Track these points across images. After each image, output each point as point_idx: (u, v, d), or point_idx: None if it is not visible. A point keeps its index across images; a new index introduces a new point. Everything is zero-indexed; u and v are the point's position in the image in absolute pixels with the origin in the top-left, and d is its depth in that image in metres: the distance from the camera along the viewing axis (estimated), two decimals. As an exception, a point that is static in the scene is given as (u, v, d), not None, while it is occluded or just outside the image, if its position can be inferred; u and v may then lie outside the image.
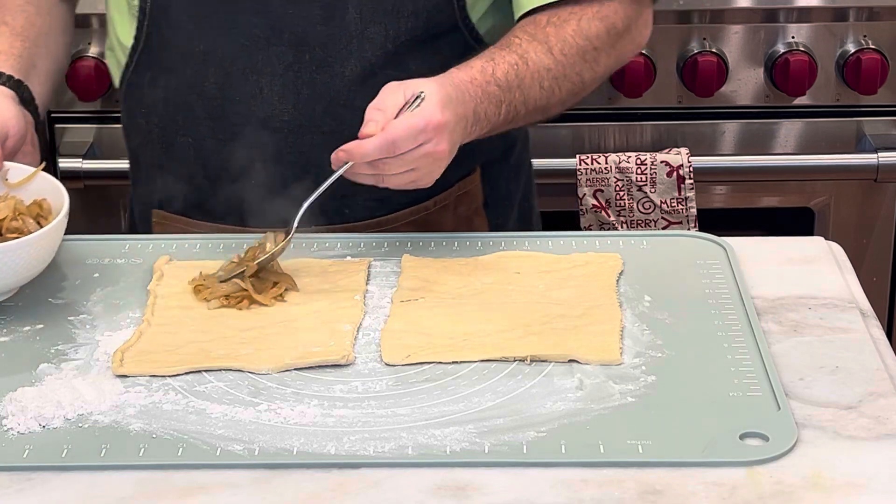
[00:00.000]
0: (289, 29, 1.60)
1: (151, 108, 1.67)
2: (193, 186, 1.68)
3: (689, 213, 2.37)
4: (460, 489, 1.14)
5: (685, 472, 1.16)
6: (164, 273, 1.49)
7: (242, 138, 1.62)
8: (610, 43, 1.61)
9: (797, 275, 1.50)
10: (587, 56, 1.60)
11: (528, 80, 1.55)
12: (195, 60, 1.62)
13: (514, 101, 1.54)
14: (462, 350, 1.34)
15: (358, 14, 1.59)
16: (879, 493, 1.13)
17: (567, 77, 1.59)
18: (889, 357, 1.34)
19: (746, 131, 2.44)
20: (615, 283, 1.47)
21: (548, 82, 1.57)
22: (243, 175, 1.64)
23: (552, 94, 1.58)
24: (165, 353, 1.34)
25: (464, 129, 1.48)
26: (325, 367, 1.32)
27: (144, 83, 1.67)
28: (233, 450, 1.19)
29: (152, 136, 1.69)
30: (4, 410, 1.25)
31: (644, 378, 1.29)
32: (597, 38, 1.60)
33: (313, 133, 1.62)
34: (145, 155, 1.72)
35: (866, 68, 2.36)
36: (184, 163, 1.67)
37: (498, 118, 1.53)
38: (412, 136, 1.42)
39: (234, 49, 1.61)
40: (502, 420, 1.23)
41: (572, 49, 1.58)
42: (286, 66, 1.60)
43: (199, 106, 1.63)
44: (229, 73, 1.62)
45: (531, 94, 1.56)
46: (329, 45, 1.60)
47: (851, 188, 2.45)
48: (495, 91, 1.52)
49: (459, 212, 1.70)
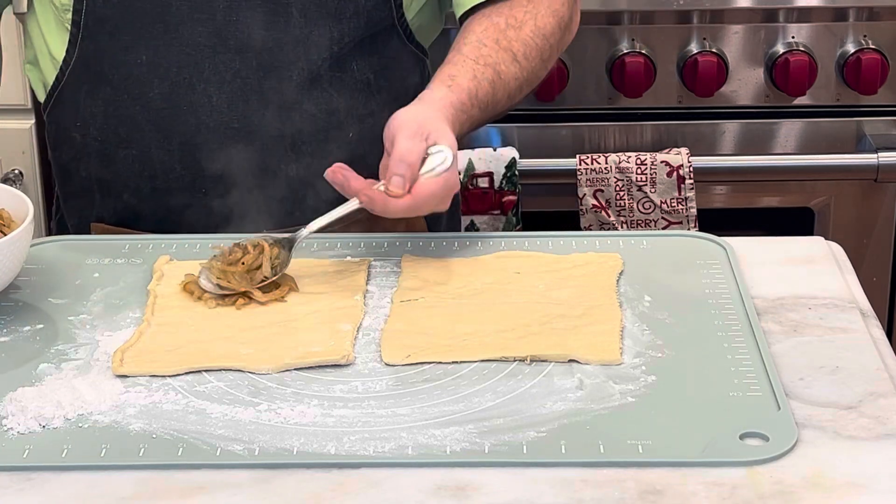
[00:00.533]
0: (233, 36, 1.59)
1: (89, 121, 1.65)
2: (139, 198, 1.66)
3: (689, 213, 2.37)
4: (460, 489, 1.14)
5: (685, 472, 1.16)
6: (164, 273, 1.50)
7: (193, 148, 1.62)
8: (559, 37, 1.65)
9: (797, 275, 1.50)
10: (544, 55, 1.63)
11: (501, 93, 1.58)
12: (138, 72, 1.61)
13: (484, 117, 1.58)
14: (462, 350, 1.34)
15: (302, 17, 1.60)
16: (879, 493, 1.13)
17: (529, 82, 1.63)
18: (889, 357, 1.34)
19: (746, 131, 2.44)
20: (615, 283, 1.47)
21: (514, 91, 1.61)
22: (193, 184, 1.63)
23: (513, 100, 1.62)
24: (165, 353, 1.34)
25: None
26: (325, 367, 1.32)
27: (80, 96, 1.65)
28: (233, 450, 1.19)
29: (89, 149, 1.66)
30: (4, 410, 1.25)
31: (644, 378, 1.29)
32: (551, 35, 1.63)
33: (263, 138, 1.62)
34: (80, 169, 1.69)
35: (866, 68, 2.36)
36: (127, 175, 1.65)
37: (468, 132, 1.58)
38: (436, 203, 1.45)
39: (179, 59, 1.60)
40: (502, 420, 1.23)
41: (533, 52, 1.61)
42: (233, 73, 1.60)
43: (144, 117, 1.62)
44: (175, 83, 1.61)
45: (500, 106, 1.60)
46: (275, 50, 1.60)
47: (851, 188, 2.45)
48: (476, 114, 1.56)
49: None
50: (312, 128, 1.63)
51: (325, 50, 1.61)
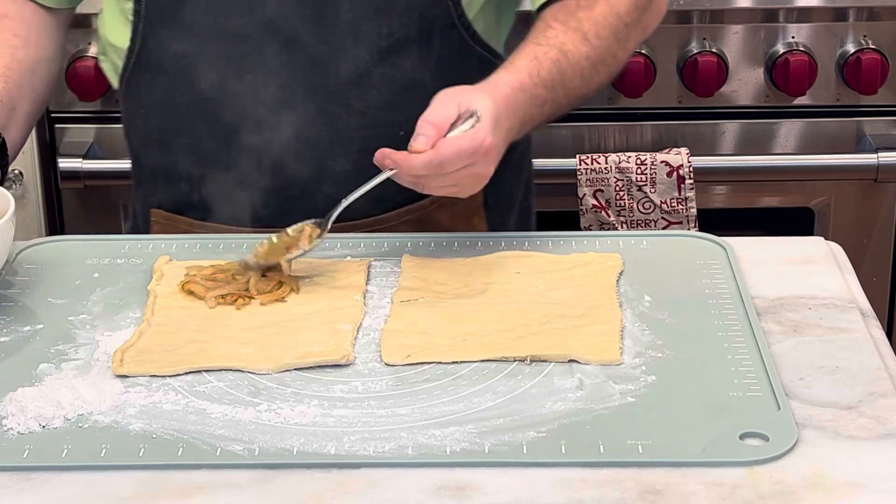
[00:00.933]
0: (282, 29, 1.59)
1: (150, 110, 1.67)
2: (191, 187, 1.68)
3: (689, 213, 2.37)
4: (460, 489, 1.14)
5: (685, 472, 1.16)
6: (164, 273, 1.49)
7: (240, 139, 1.63)
8: (637, 16, 1.60)
9: (797, 275, 1.50)
10: (619, 35, 1.58)
11: (570, 73, 1.54)
12: (190, 62, 1.62)
13: (557, 98, 1.54)
14: (462, 350, 1.34)
15: (351, 12, 1.59)
16: (879, 493, 1.13)
17: (604, 61, 1.58)
18: (889, 357, 1.34)
19: (746, 131, 2.44)
20: (615, 283, 1.47)
21: (587, 71, 1.56)
22: (239, 175, 1.64)
23: (591, 81, 1.57)
24: (165, 353, 1.34)
25: (508, 141, 1.48)
26: (325, 367, 1.32)
27: (142, 85, 1.67)
28: (233, 450, 1.19)
29: (151, 137, 1.69)
30: (4, 410, 1.25)
31: (644, 378, 1.29)
32: (626, 13, 1.59)
33: (308, 132, 1.62)
34: (145, 156, 1.73)
35: (866, 68, 2.36)
36: (182, 163, 1.68)
37: (541, 118, 1.54)
38: (461, 159, 1.41)
39: (228, 50, 1.61)
40: (502, 420, 1.23)
41: (605, 31, 1.57)
42: (281, 65, 1.60)
43: (195, 107, 1.64)
44: (224, 74, 1.62)
45: (572, 86, 1.55)
46: (322, 44, 1.60)
47: (851, 188, 2.45)
48: (541, 93, 1.51)
49: (457, 210, 1.69)
50: (359, 124, 1.62)
51: (373, 45, 1.60)
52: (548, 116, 1.55)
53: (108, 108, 2.40)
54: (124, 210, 2.43)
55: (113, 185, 2.42)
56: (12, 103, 1.62)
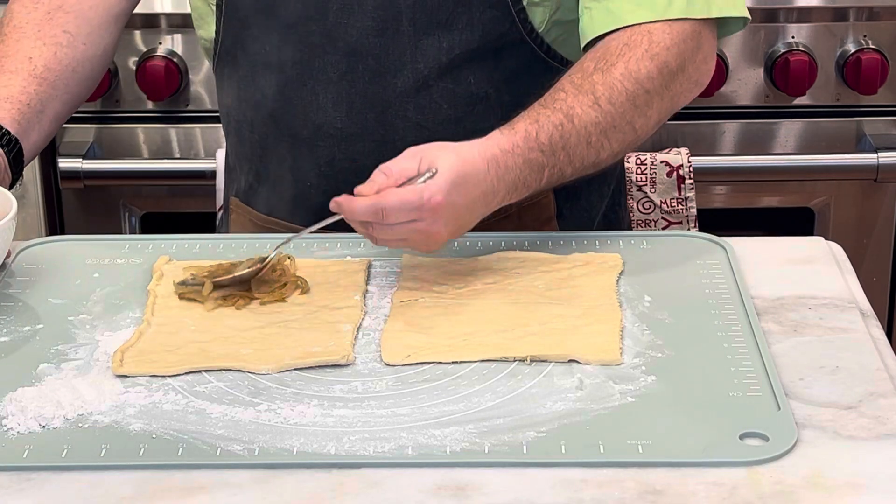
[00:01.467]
0: (343, 38, 1.60)
1: (230, 101, 1.70)
2: (258, 181, 1.71)
3: (689, 213, 2.37)
4: (460, 489, 1.14)
5: (685, 472, 1.16)
6: (164, 273, 1.50)
7: (300, 142, 1.64)
8: (663, 84, 1.52)
9: (797, 275, 1.50)
10: (637, 102, 1.50)
11: (574, 139, 1.47)
12: (261, 62, 1.64)
13: (558, 164, 1.47)
14: (462, 350, 1.34)
15: (411, 26, 1.58)
16: (879, 493, 1.13)
17: (617, 128, 1.50)
18: (889, 357, 1.34)
19: (746, 131, 2.44)
20: (615, 283, 1.47)
21: (595, 137, 1.49)
22: (299, 177, 1.65)
23: (601, 148, 1.50)
24: (165, 353, 1.34)
25: (485, 206, 1.43)
26: (325, 367, 1.32)
27: (224, 76, 1.70)
28: (233, 450, 1.19)
29: (230, 127, 1.73)
30: (4, 410, 1.25)
31: (644, 378, 1.29)
32: (647, 79, 1.51)
33: (365, 141, 1.62)
34: (228, 143, 1.77)
35: (866, 68, 2.36)
36: (252, 158, 1.70)
37: (540, 183, 1.47)
38: (403, 210, 1.37)
39: (293, 54, 1.62)
40: (502, 420, 1.23)
41: (621, 96, 1.49)
42: (340, 74, 1.61)
43: (263, 106, 1.65)
44: (289, 78, 1.63)
45: (577, 152, 1.48)
46: (382, 56, 1.59)
47: (851, 188, 2.45)
48: (538, 157, 1.45)
49: (525, 223, 1.66)
50: (416, 137, 1.58)
51: (433, 60, 1.59)
52: (549, 182, 1.48)
53: (109, 108, 2.40)
54: (124, 210, 2.43)
55: (113, 185, 2.42)
56: (41, 106, 1.62)
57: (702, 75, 1.58)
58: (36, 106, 1.61)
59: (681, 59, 1.54)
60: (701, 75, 1.58)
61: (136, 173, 2.42)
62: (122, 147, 2.43)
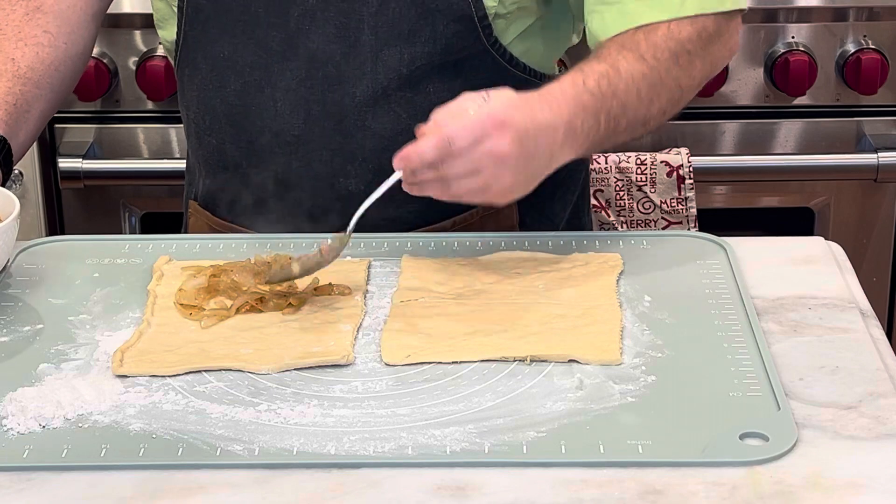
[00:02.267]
0: (303, 45, 1.59)
1: (189, 105, 1.69)
2: (216, 186, 1.70)
3: (689, 213, 2.37)
4: (460, 489, 1.14)
5: (685, 472, 1.16)
6: (164, 273, 1.50)
7: (257, 148, 1.63)
8: (702, 46, 1.54)
9: (797, 275, 1.50)
10: (681, 60, 1.52)
11: (623, 87, 1.47)
12: (220, 65, 1.64)
13: (612, 111, 1.46)
14: (462, 350, 1.34)
15: (373, 36, 1.58)
16: (879, 493, 1.13)
17: (664, 83, 1.51)
18: (889, 357, 1.34)
19: (746, 131, 2.44)
20: (615, 283, 1.47)
21: (645, 91, 1.49)
22: (257, 183, 1.64)
23: (651, 103, 1.50)
24: (165, 353, 1.34)
25: (549, 140, 1.39)
26: (325, 367, 1.32)
27: (184, 80, 1.69)
28: (233, 450, 1.19)
29: (191, 129, 1.72)
30: (4, 410, 1.25)
31: (644, 378, 1.29)
32: (689, 41, 1.52)
33: (322, 149, 1.61)
34: (189, 146, 1.76)
35: (866, 68, 2.36)
36: (209, 161, 1.70)
37: (598, 130, 1.45)
38: (469, 131, 1.33)
39: (253, 59, 1.61)
40: (502, 420, 1.23)
41: (664, 53, 1.51)
42: (299, 81, 1.60)
43: (221, 111, 1.65)
44: (247, 83, 1.62)
45: (629, 102, 1.47)
46: (342, 65, 1.59)
47: (851, 188, 2.45)
48: (589, 101, 1.43)
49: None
50: (374, 145, 1.60)
51: (392, 71, 1.58)
52: (608, 131, 1.46)
53: (108, 108, 2.40)
54: (124, 210, 2.43)
55: (113, 185, 2.42)
56: (27, 106, 1.62)
57: (735, 44, 1.61)
58: (22, 106, 1.61)
59: (718, 26, 1.56)
60: (734, 44, 1.60)
61: (136, 173, 2.42)
62: (122, 147, 2.42)
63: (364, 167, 1.61)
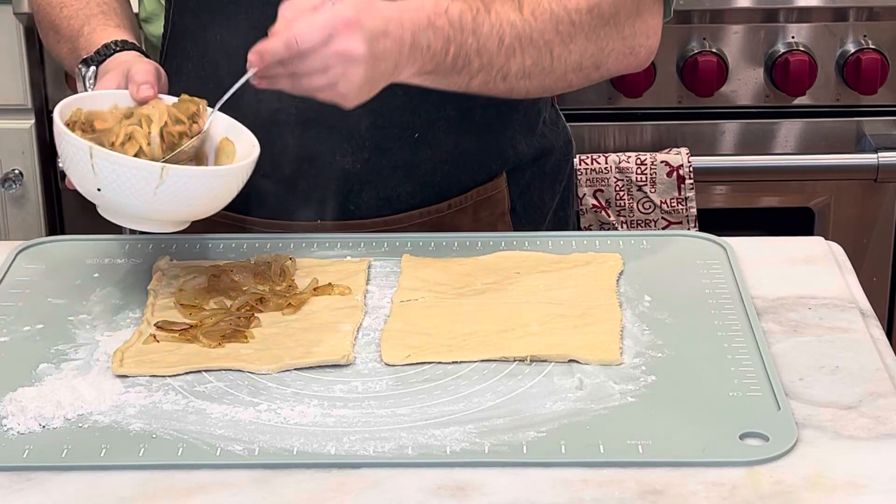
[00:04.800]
0: None
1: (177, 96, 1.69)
2: None
3: (689, 213, 2.37)
4: (460, 489, 1.14)
5: (685, 472, 1.16)
6: (164, 273, 1.49)
7: (253, 130, 1.63)
8: (591, 24, 1.51)
9: (797, 275, 1.50)
10: (561, 28, 1.49)
11: (486, 28, 1.45)
12: (213, 51, 1.64)
13: (465, 45, 1.45)
14: (462, 350, 1.34)
15: None
16: (879, 493, 1.13)
17: (533, 42, 1.48)
18: (889, 357, 1.34)
19: (746, 131, 2.44)
20: (615, 283, 1.47)
21: (509, 39, 1.47)
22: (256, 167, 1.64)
23: (512, 55, 1.47)
24: (165, 353, 1.34)
25: (397, 44, 1.40)
26: (325, 367, 1.32)
27: (172, 71, 1.68)
28: (233, 450, 1.19)
29: None
30: (4, 410, 1.25)
31: (644, 378, 1.29)
32: (576, 11, 1.50)
33: (319, 128, 1.62)
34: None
35: (866, 68, 2.36)
36: None
37: (444, 57, 1.44)
38: (317, 30, 1.36)
39: (248, 41, 1.61)
40: (502, 420, 1.23)
41: (545, 14, 1.48)
42: None
43: (217, 97, 1.64)
44: (241, 66, 1.62)
45: (488, 45, 1.46)
46: None
47: (851, 188, 2.45)
48: (444, 25, 1.43)
49: (480, 217, 1.67)
50: (371, 123, 1.60)
51: None
52: (455, 63, 1.45)
53: (108, 108, 2.40)
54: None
55: (113, 185, 2.41)
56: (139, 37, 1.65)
57: (639, 46, 1.57)
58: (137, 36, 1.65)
59: (614, 10, 1.53)
60: (638, 45, 1.56)
61: (136, 173, 2.41)
62: (122, 147, 2.42)
63: (360, 145, 1.61)
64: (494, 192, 1.68)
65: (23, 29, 2.42)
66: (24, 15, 2.36)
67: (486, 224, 1.67)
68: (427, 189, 1.55)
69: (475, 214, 1.67)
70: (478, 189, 1.67)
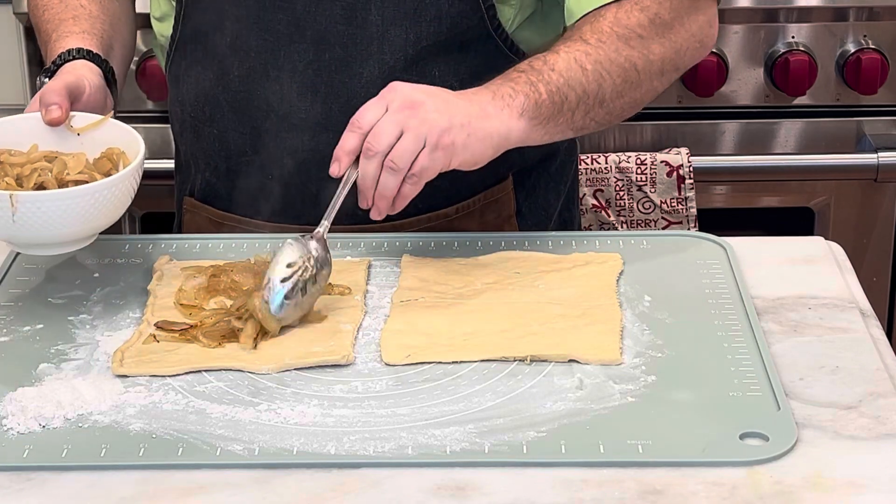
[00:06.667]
0: (311, 27, 1.60)
1: (185, 98, 1.69)
2: (217, 177, 1.70)
3: (689, 213, 2.37)
4: (460, 489, 1.14)
5: (685, 472, 1.16)
6: (164, 273, 1.49)
7: (263, 133, 1.63)
8: (657, 32, 1.54)
9: (797, 275, 1.50)
10: (631, 42, 1.52)
11: (562, 63, 1.49)
12: (222, 53, 1.64)
13: (551, 82, 1.48)
14: (462, 350, 1.34)
15: (379, 16, 1.58)
16: (879, 493, 1.13)
17: (613, 61, 1.51)
18: (889, 357, 1.34)
19: (746, 131, 2.44)
20: (615, 283, 1.47)
21: (591, 66, 1.50)
22: (262, 169, 1.64)
23: (601, 78, 1.50)
24: (165, 353, 1.34)
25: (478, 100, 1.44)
26: (325, 367, 1.32)
27: (180, 73, 1.69)
28: (233, 450, 1.19)
29: (186, 124, 1.71)
30: (4, 410, 1.25)
31: (644, 378, 1.29)
32: (638, 26, 1.53)
33: (329, 131, 1.61)
34: (182, 143, 1.75)
35: (866, 68, 2.36)
36: (209, 153, 1.69)
37: (539, 97, 1.47)
38: (373, 105, 1.42)
39: (258, 43, 1.62)
40: (502, 420, 1.23)
41: (611, 37, 1.52)
42: (306, 63, 1.60)
43: (224, 98, 1.65)
44: (253, 68, 1.62)
45: (573, 76, 1.49)
46: (349, 46, 1.59)
47: (851, 188, 2.45)
48: (517, 75, 1.48)
49: (487, 219, 1.68)
50: None
51: (398, 51, 1.59)
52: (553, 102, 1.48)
53: (108, 108, 2.40)
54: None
55: (113, 185, 2.41)
56: (110, 41, 1.64)
57: (706, 37, 1.60)
58: (108, 41, 1.64)
59: (674, 14, 1.55)
60: (705, 36, 1.60)
61: (136, 173, 2.41)
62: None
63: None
64: (501, 194, 1.69)
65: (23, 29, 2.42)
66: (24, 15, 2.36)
67: (492, 227, 1.67)
68: (435, 193, 1.55)
69: (482, 217, 1.67)
70: (485, 192, 1.67)
